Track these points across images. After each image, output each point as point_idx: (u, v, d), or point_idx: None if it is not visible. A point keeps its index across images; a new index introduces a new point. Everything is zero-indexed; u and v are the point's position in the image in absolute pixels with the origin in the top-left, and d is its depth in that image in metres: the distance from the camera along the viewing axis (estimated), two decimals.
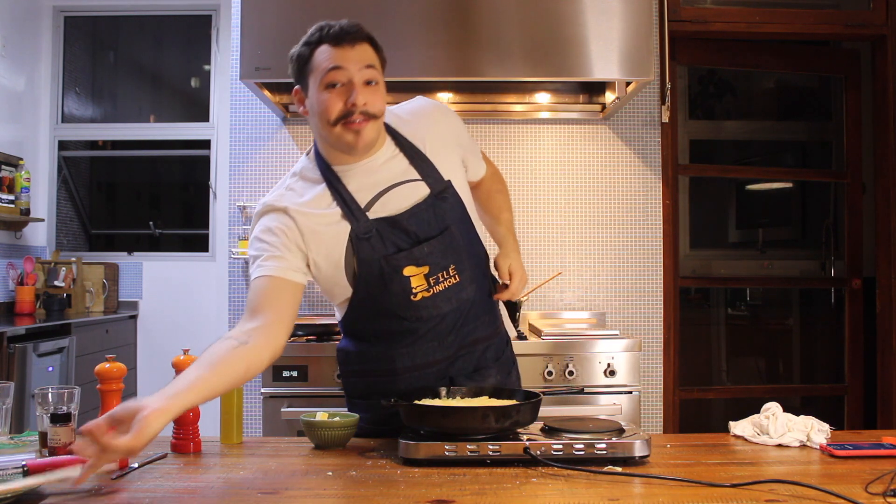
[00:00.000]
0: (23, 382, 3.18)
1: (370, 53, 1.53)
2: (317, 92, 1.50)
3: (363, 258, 1.53)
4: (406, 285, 1.54)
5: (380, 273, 1.53)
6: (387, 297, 1.55)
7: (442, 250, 1.57)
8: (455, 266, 1.59)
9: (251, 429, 2.86)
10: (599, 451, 1.31)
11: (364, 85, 1.49)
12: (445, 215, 1.58)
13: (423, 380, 1.61)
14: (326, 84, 1.49)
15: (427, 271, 1.55)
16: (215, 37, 4.38)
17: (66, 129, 4.49)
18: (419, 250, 1.54)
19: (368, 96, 1.49)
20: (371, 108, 1.49)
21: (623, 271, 3.24)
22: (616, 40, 2.66)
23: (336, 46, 1.49)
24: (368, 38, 1.54)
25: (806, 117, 4.45)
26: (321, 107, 1.50)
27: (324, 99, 1.49)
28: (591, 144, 3.27)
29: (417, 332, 1.59)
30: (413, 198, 1.57)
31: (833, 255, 3.90)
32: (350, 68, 1.48)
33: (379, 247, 1.53)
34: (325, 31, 1.51)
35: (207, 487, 1.23)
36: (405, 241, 1.55)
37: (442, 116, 1.70)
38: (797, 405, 3.98)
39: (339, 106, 1.48)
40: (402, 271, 1.54)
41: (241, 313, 3.18)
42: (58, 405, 1.37)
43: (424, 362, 1.61)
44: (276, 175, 3.24)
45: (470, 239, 1.64)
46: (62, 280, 4.12)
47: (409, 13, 2.66)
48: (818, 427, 1.48)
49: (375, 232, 1.53)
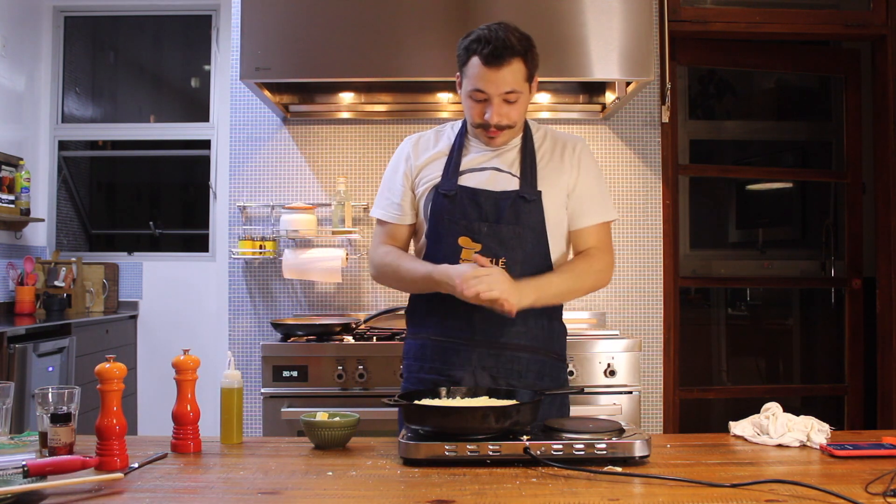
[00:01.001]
0: (23, 382, 3.17)
1: (517, 73, 1.67)
2: (466, 95, 1.73)
3: (435, 210, 1.73)
4: (456, 253, 1.70)
5: (438, 228, 1.72)
6: (439, 256, 1.71)
7: (500, 239, 1.70)
8: (507, 261, 1.70)
9: (251, 429, 2.86)
10: (599, 451, 1.31)
11: (503, 103, 1.69)
12: (521, 214, 1.71)
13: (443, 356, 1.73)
14: (471, 95, 1.71)
15: (479, 249, 1.69)
16: (215, 37, 4.38)
17: (66, 129, 4.49)
18: (478, 226, 1.70)
19: (504, 112, 1.69)
20: (504, 122, 1.70)
21: (623, 271, 3.24)
22: (616, 40, 2.66)
23: (486, 65, 1.66)
24: (520, 54, 1.67)
25: (806, 117, 4.45)
26: (467, 110, 1.75)
27: (469, 105, 1.73)
28: (591, 144, 3.24)
29: (451, 304, 1.66)
30: (501, 186, 1.74)
31: (833, 255, 3.90)
32: (491, 92, 1.68)
33: (449, 207, 1.71)
34: (481, 45, 1.66)
35: (207, 487, 1.23)
36: (474, 214, 1.71)
37: (587, 165, 1.81)
38: (797, 405, 3.98)
39: (479, 118, 1.72)
40: (457, 238, 1.70)
41: (241, 313, 3.21)
42: (58, 405, 1.37)
43: (454, 335, 1.72)
44: (276, 175, 3.24)
45: (535, 249, 1.73)
46: (62, 280, 4.12)
47: (409, 13, 2.66)
48: (818, 427, 1.48)
49: (455, 194, 1.72)
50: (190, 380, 1.47)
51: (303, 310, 3.23)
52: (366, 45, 2.65)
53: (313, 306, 3.23)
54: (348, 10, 2.65)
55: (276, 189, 3.24)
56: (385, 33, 2.66)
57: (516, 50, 1.66)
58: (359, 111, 3.24)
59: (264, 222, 3.20)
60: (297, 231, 3.06)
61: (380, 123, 3.26)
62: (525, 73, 1.69)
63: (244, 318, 3.22)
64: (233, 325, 3.22)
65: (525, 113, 1.76)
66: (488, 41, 1.65)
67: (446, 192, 1.73)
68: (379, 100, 3.23)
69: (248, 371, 3.13)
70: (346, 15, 2.66)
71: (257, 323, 3.21)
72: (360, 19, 2.66)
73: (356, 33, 2.65)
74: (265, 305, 3.22)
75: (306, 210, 3.08)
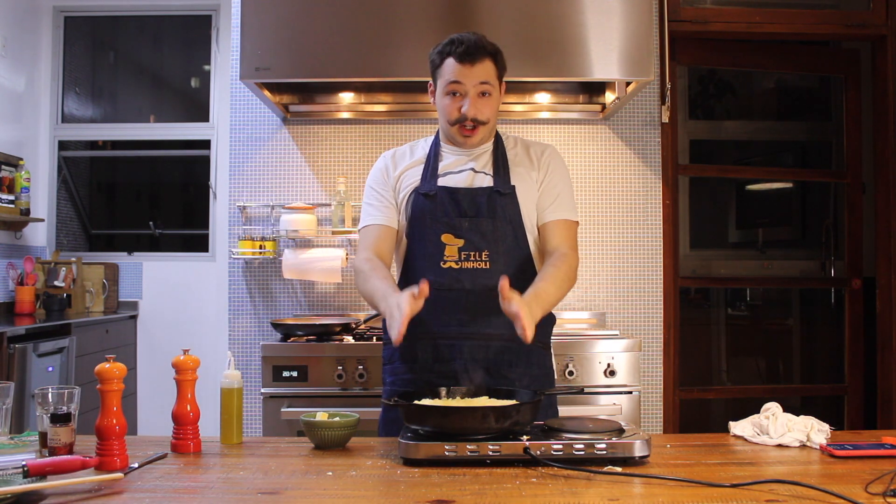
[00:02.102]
0: (23, 382, 3.17)
1: (489, 69, 1.79)
2: (441, 95, 1.82)
3: (416, 211, 1.80)
4: (439, 249, 1.77)
5: (420, 227, 1.79)
6: (422, 253, 1.79)
7: (481, 233, 1.78)
8: (489, 253, 1.77)
9: (251, 429, 2.86)
10: (599, 451, 1.31)
11: (478, 97, 1.78)
12: (497, 208, 1.79)
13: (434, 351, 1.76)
14: (447, 92, 1.79)
15: (462, 245, 1.77)
16: (215, 37, 4.38)
17: (66, 129, 4.49)
18: (459, 222, 1.77)
19: (480, 107, 1.79)
20: (480, 116, 1.79)
21: (623, 271, 3.24)
22: (616, 40, 2.66)
23: (459, 63, 1.77)
24: (491, 54, 1.79)
25: (806, 117, 4.45)
26: (442, 109, 1.83)
27: (445, 104, 1.81)
28: (591, 144, 3.27)
29: (437, 300, 1.69)
30: (477, 184, 1.83)
31: (833, 255, 3.90)
32: (467, 84, 1.77)
33: (430, 206, 1.78)
34: (454, 45, 1.78)
35: (207, 487, 1.23)
36: (454, 211, 1.78)
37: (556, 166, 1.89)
38: (797, 405, 3.98)
39: (455, 113, 1.80)
40: (440, 236, 1.77)
41: (241, 313, 3.21)
42: (58, 405, 1.37)
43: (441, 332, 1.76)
44: (276, 175, 3.24)
45: (515, 243, 1.81)
46: (62, 280, 4.12)
47: (409, 13, 2.66)
48: (818, 427, 1.48)
49: (435, 193, 1.80)
50: (190, 380, 1.47)
51: (303, 310, 3.23)
52: (366, 45, 2.65)
53: (313, 306, 3.23)
54: (348, 11, 2.65)
55: (276, 189, 3.24)
56: (385, 33, 2.66)
57: (488, 50, 1.79)
58: (359, 111, 3.24)
59: (264, 222, 3.20)
60: (297, 231, 3.06)
61: (380, 123, 3.26)
62: (496, 72, 1.81)
63: (244, 318, 3.22)
64: (233, 325, 3.22)
65: (497, 113, 1.85)
66: (461, 42, 1.77)
67: (426, 192, 1.81)
68: (379, 100, 3.23)
69: (248, 371, 3.13)
70: (346, 15, 2.66)
71: (257, 323, 3.21)
72: (359, 19, 2.66)
73: (356, 33, 2.65)
74: (265, 305, 3.22)
75: (306, 210, 3.08)
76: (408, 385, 1.77)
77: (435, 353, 1.77)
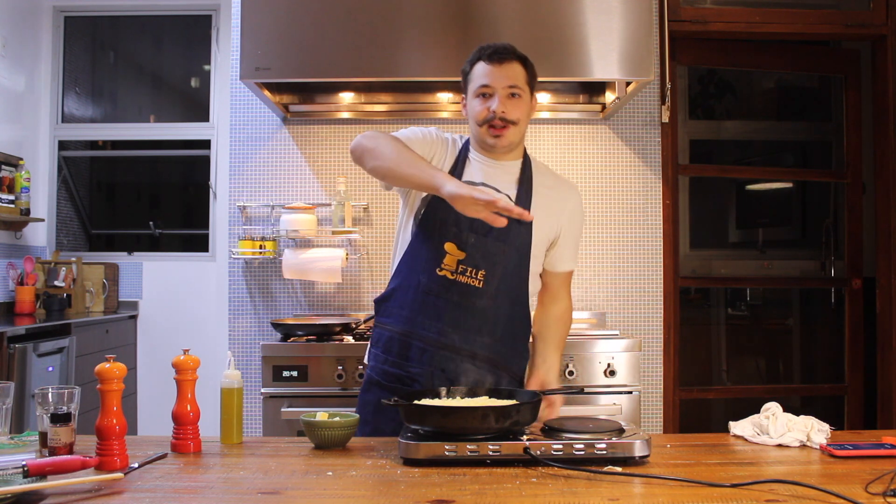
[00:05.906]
0: (23, 382, 3.17)
1: (518, 72, 1.80)
2: (471, 98, 1.83)
3: (429, 210, 1.79)
4: (440, 256, 1.76)
5: (428, 228, 1.78)
6: (423, 254, 1.78)
7: (484, 253, 1.77)
8: (485, 274, 1.77)
9: (251, 429, 2.86)
10: (599, 451, 1.31)
11: (507, 97, 1.78)
12: (510, 233, 1.76)
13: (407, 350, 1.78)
14: (477, 93, 1.80)
15: (462, 258, 1.76)
16: (215, 37, 4.38)
17: (66, 129, 4.49)
18: (467, 236, 1.76)
19: (508, 106, 1.78)
20: (509, 115, 1.78)
21: (623, 271, 3.24)
22: (616, 40, 2.66)
23: (489, 63, 1.79)
24: (519, 58, 1.81)
25: (806, 117, 4.45)
26: (472, 110, 1.82)
27: (474, 105, 1.82)
28: (591, 144, 3.27)
29: (423, 303, 1.76)
30: None
31: (833, 255, 3.90)
32: (496, 85, 1.78)
33: (444, 210, 1.71)
34: (483, 49, 1.82)
35: (207, 487, 1.23)
36: (465, 224, 1.75)
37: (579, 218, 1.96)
38: (797, 405, 3.98)
39: (485, 112, 1.78)
40: (444, 243, 1.77)
41: (241, 313, 3.21)
42: (58, 405, 1.37)
43: (419, 334, 1.77)
44: (276, 175, 3.24)
45: (516, 270, 1.81)
46: (62, 280, 4.12)
47: (409, 13, 2.66)
48: (818, 427, 1.48)
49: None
50: (190, 380, 1.47)
51: (303, 310, 3.23)
52: (366, 45, 2.65)
53: (313, 306, 3.23)
54: (348, 11, 2.65)
55: (276, 189, 3.24)
56: (385, 33, 2.66)
57: (517, 54, 1.81)
58: (359, 111, 3.24)
59: (264, 222, 3.20)
60: (297, 231, 3.06)
61: (380, 123, 3.26)
62: (525, 76, 1.81)
63: (244, 318, 3.22)
64: (233, 325, 3.22)
65: (528, 119, 1.84)
66: (490, 45, 1.81)
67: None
68: (379, 100, 3.23)
69: (248, 371, 3.13)
70: (346, 15, 2.66)
71: (257, 323, 3.21)
72: (360, 19, 2.66)
73: (356, 33, 2.65)
74: (265, 305, 3.22)
75: (306, 210, 3.08)
76: (381, 376, 1.81)
77: (407, 351, 1.78)
